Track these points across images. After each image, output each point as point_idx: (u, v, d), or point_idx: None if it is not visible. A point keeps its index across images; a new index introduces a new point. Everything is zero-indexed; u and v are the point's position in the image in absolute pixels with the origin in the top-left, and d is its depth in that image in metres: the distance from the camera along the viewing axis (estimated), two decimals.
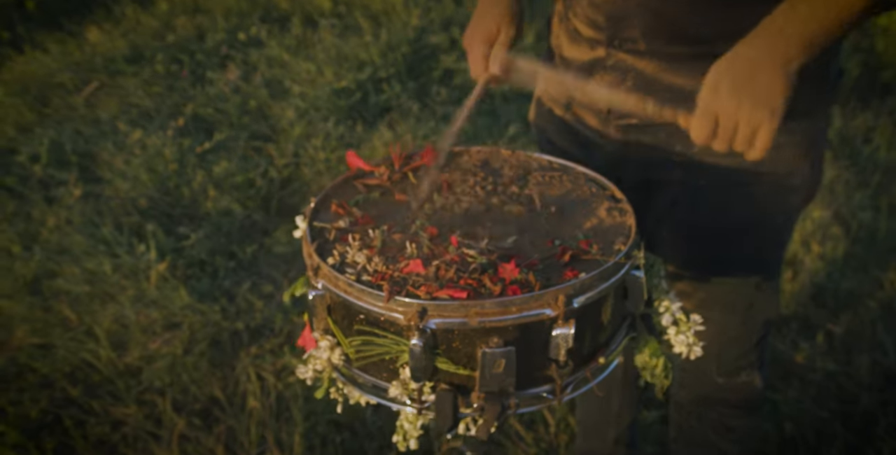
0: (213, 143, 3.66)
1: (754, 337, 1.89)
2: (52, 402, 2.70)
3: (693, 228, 1.77)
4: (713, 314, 1.83)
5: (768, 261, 1.81)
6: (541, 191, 1.62)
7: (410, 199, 1.58)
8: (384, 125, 3.75)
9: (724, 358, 1.89)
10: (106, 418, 2.66)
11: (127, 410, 2.68)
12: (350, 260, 1.46)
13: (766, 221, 1.73)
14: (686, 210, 1.75)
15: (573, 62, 1.75)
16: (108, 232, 3.21)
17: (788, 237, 1.82)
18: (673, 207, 1.76)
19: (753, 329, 1.87)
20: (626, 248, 1.44)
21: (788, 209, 1.74)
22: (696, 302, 1.84)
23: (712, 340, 1.83)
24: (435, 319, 1.35)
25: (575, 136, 1.83)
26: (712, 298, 1.83)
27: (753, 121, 1.37)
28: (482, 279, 1.38)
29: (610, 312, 1.47)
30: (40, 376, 2.80)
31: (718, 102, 1.39)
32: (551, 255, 1.45)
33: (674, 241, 1.80)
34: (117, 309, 2.95)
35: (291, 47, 4.51)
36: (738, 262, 1.79)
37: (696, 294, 1.85)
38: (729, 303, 1.84)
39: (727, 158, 1.64)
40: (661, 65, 1.61)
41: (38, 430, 2.64)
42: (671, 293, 1.58)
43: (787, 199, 1.71)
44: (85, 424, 2.64)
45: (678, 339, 1.55)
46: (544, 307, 1.35)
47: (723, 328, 1.85)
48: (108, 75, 4.48)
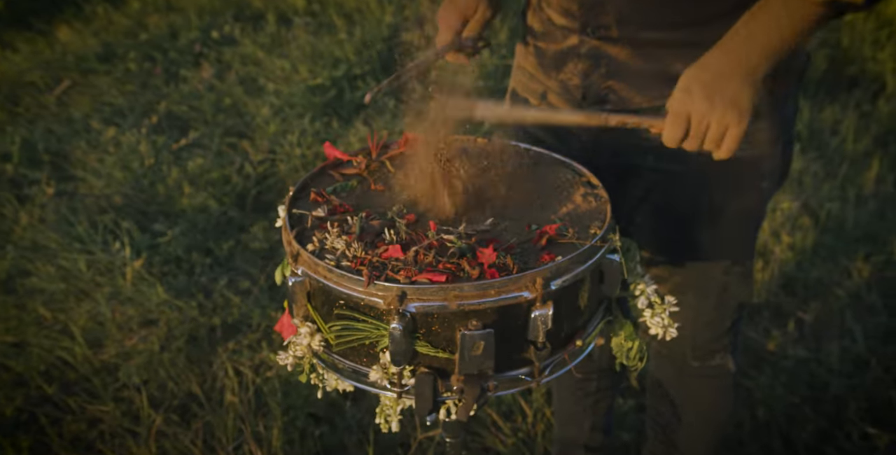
0: (189, 140, 3.66)
1: (727, 321, 1.92)
2: (28, 401, 2.68)
3: (667, 213, 1.80)
4: (687, 298, 1.86)
5: (741, 244, 1.84)
6: (517, 177, 1.64)
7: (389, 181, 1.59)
8: (360, 122, 3.76)
9: (698, 341, 1.92)
10: (82, 416, 2.65)
11: (104, 408, 2.67)
12: (329, 246, 1.47)
13: (739, 205, 1.77)
14: (660, 195, 1.78)
15: (546, 52, 1.77)
16: (82, 230, 3.19)
17: (760, 221, 1.86)
18: (647, 193, 1.79)
19: (727, 313, 1.90)
20: (601, 232, 1.47)
21: (760, 193, 1.77)
22: (671, 286, 1.87)
23: (686, 324, 1.86)
24: (414, 303, 1.37)
25: (549, 127, 1.85)
26: (686, 283, 1.86)
27: (724, 121, 1.42)
28: (461, 263, 1.40)
29: (587, 296, 1.49)
30: (15, 375, 2.79)
31: (692, 104, 1.44)
32: (528, 239, 1.47)
33: (649, 226, 1.83)
34: (93, 306, 2.94)
35: (265, 45, 4.51)
36: (711, 245, 1.82)
37: (671, 278, 1.87)
38: (703, 287, 1.87)
39: None
40: (633, 51, 1.64)
41: (14, 429, 2.62)
42: (646, 276, 1.61)
43: (759, 182, 1.74)
44: (61, 422, 2.63)
45: (654, 321, 1.58)
46: (522, 290, 1.37)
47: (697, 312, 1.88)
48: (80, 74, 4.46)
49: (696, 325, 1.89)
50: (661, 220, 1.81)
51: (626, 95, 1.68)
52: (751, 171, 1.71)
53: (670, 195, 1.76)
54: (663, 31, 1.61)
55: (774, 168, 1.75)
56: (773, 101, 1.67)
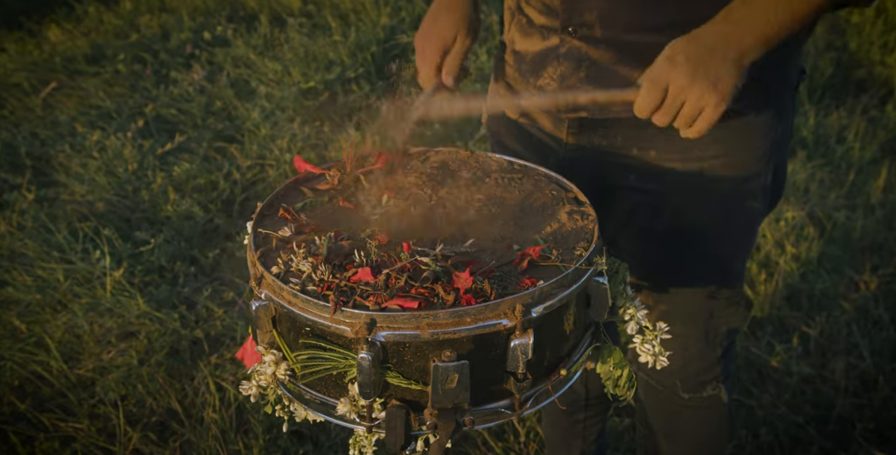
0: (175, 144, 3.55)
1: (717, 349, 1.82)
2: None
3: (651, 235, 1.70)
4: (675, 328, 1.76)
5: (729, 268, 1.74)
6: (499, 194, 1.53)
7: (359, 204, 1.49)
8: (352, 126, 3.66)
9: (687, 372, 1.81)
10: (56, 433, 2.55)
11: (78, 425, 2.57)
12: (295, 269, 1.37)
13: (726, 228, 1.66)
14: (643, 216, 1.68)
15: (526, 55, 1.67)
16: (61, 237, 3.09)
17: (751, 244, 1.75)
18: (630, 215, 1.69)
19: (716, 341, 1.80)
20: (587, 254, 1.36)
21: (749, 215, 1.67)
22: (657, 314, 1.77)
23: (675, 355, 1.76)
24: (384, 332, 1.27)
25: (528, 139, 1.75)
26: (673, 310, 1.76)
27: (701, 101, 1.35)
28: (435, 288, 1.30)
29: (571, 321, 1.39)
30: None
31: (673, 73, 1.35)
32: (509, 261, 1.37)
33: (633, 249, 1.73)
34: (70, 318, 2.84)
35: (258, 47, 4.41)
36: (698, 271, 1.72)
37: (657, 306, 1.77)
38: (689, 314, 1.76)
39: (684, 163, 1.58)
40: (617, 55, 1.54)
41: None
42: (637, 300, 1.50)
43: (748, 204, 1.64)
44: (34, 441, 2.53)
45: (644, 348, 1.47)
46: (501, 317, 1.27)
47: (685, 342, 1.78)
48: (68, 75, 4.36)
49: (685, 355, 1.79)
50: (645, 244, 1.71)
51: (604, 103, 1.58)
52: (738, 192, 1.62)
53: (653, 216, 1.66)
54: (649, 34, 1.51)
55: (765, 189, 1.65)
56: (764, 119, 1.57)
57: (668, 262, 1.74)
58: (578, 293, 1.36)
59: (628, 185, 1.66)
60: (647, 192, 1.65)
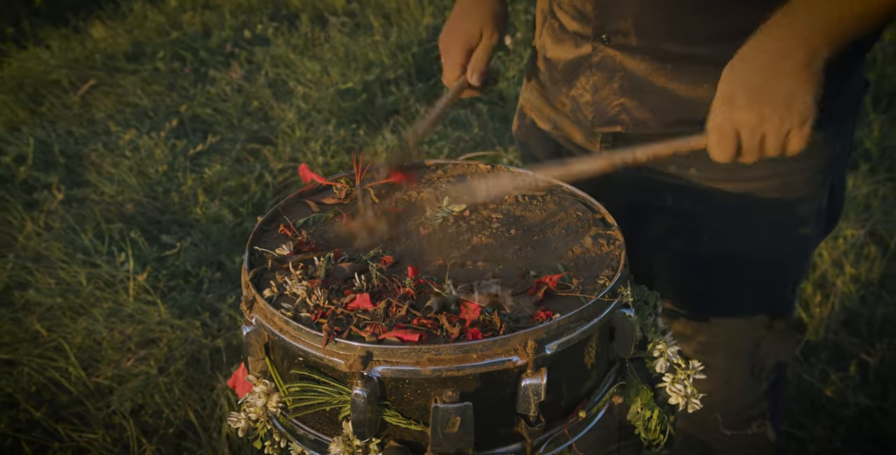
0: (207, 145, 3.47)
1: (764, 384, 1.66)
2: (13, 425, 2.51)
3: (690, 261, 1.55)
4: (716, 360, 1.62)
5: (777, 298, 1.58)
6: (519, 213, 1.40)
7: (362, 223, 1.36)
8: (388, 129, 3.54)
9: (730, 408, 1.66)
10: (70, 444, 2.47)
11: (93, 435, 2.49)
12: (289, 292, 1.25)
13: (774, 255, 1.50)
14: (682, 240, 1.53)
15: (557, 63, 1.53)
16: (87, 239, 3.02)
17: (802, 271, 1.59)
18: (666, 238, 1.55)
19: (762, 375, 1.64)
20: (611, 284, 1.22)
21: (801, 241, 1.51)
22: (696, 346, 1.62)
23: (716, 389, 1.62)
24: (381, 366, 1.14)
25: (558, 152, 1.61)
26: (714, 342, 1.62)
27: (782, 130, 1.18)
28: (439, 319, 1.16)
29: (593, 358, 1.25)
30: (4, 395, 2.62)
31: (737, 116, 1.19)
32: (524, 290, 1.23)
33: (669, 274, 1.58)
34: (90, 323, 2.76)
35: (298, 46, 4.31)
36: (741, 299, 1.56)
37: (696, 337, 1.62)
38: (733, 346, 1.61)
39: (728, 184, 1.43)
40: (654, 65, 1.40)
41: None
42: (668, 334, 1.35)
43: (799, 229, 1.48)
44: (46, 451, 2.45)
45: (675, 388, 1.32)
46: (510, 354, 1.14)
47: (727, 375, 1.63)
48: (107, 73, 4.31)
49: (728, 390, 1.64)
50: (683, 270, 1.56)
51: (640, 117, 1.44)
52: (788, 217, 1.46)
53: (692, 241, 1.51)
54: (689, 44, 1.37)
55: (819, 213, 1.48)
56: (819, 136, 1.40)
57: (708, 289, 1.59)
58: (601, 327, 1.22)
59: (666, 205, 1.51)
60: (687, 214, 1.50)
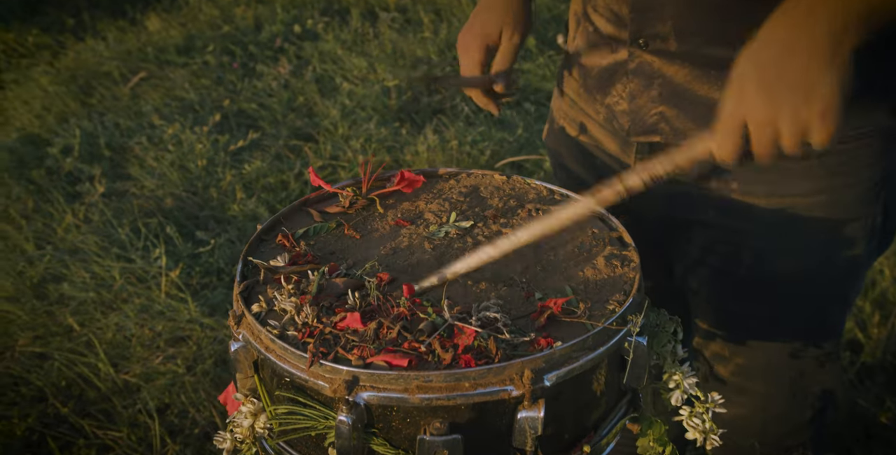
0: (248, 141, 3.43)
1: (807, 412, 1.55)
2: (41, 420, 2.50)
3: (728, 279, 1.45)
4: (753, 384, 1.51)
5: (824, 321, 1.46)
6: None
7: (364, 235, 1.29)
8: (431, 129, 3.47)
9: (768, 436, 1.55)
10: (95, 441, 2.45)
11: (118, 433, 2.46)
12: (278, 308, 1.19)
13: (822, 276, 1.39)
14: (720, 257, 1.43)
15: (591, 69, 1.44)
16: (124, 234, 3.01)
17: (852, 294, 1.47)
18: (705, 254, 1.45)
19: (806, 403, 1.53)
20: (621, 310, 1.13)
21: (852, 262, 1.39)
22: (733, 368, 1.52)
23: (753, 415, 1.52)
24: (367, 392, 1.07)
25: (591, 161, 1.52)
26: (752, 365, 1.51)
27: (798, 124, 0.99)
28: (432, 343, 1.09)
29: (600, 389, 1.16)
30: (34, 389, 2.61)
31: (745, 104, 1.02)
32: (526, 314, 1.15)
33: (705, 293, 1.48)
34: (121, 319, 2.74)
35: (347, 42, 4.27)
36: (784, 322, 1.46)
37: (733, 359, 1.52)
38: (773, 371, 1.51)
39: (771, 199, 1.32)
40: (696, 71, 1.30)
41: (21, 451, 2.44)
42: (686, 365, 1.25)
43: (849, 249, 1.36)
44: (72, 447, 2.44)
45: (693, 422, 1.23)
46: (506, 384, 1.06)
47: (765, 401, 1.52)
48: (158, 65, 4.31)
49: (766, 416, 1.53)
50: (722, 288, 1.46)
51: (680, 126, 1.34)
52: (837, 236, 1.34)
53: (731, 259, 1.41)
54: (733, 49, 1.25)
55: (872, 231, 1.36)
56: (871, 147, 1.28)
57: (747, 310, 1.48)
58: (609, 356, 1.13)
59: (704, 220, 1.41)
60: (726, 230, 1.40)
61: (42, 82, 4.30)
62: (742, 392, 1.54)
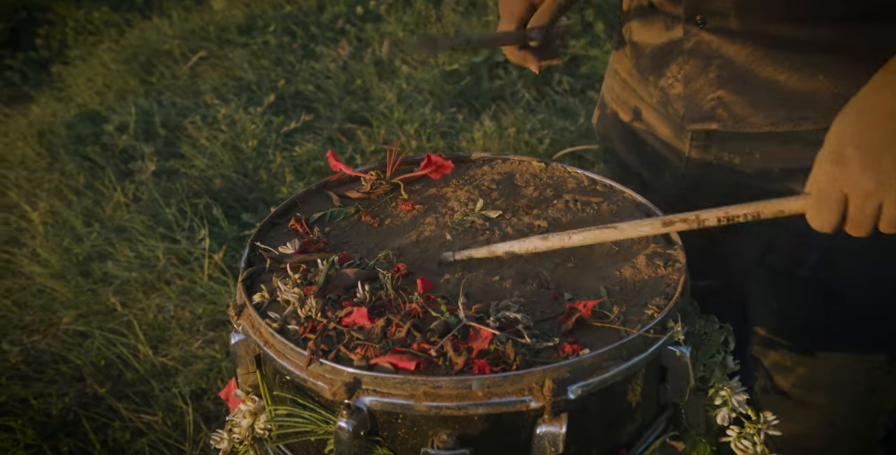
0: (300, 123, 3.35)
1: (878, 430, 1.40)
2: (78, 399, 2.46)
3: (791, 282, 1.31)
4: (817, 397, 1.37)
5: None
6: (567, 221, 1.19)
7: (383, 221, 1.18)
8: (489, 115, 3.34)
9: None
10: (129, 424, 2.40)
11: (152, 417, 2.41)
12: (281, 299, 1.08)
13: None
14: (782, 257, 1.29)
15: (644, 48, 1.31)
16: (171, 214, 2.95)
17: None
18: (766, 253, 1.31)
19: (878, 422, 1.39)
20: (660, 316, 1.00)
21: None
22: (795, 379, 1.38)
23: (815, 431, 1.38)
24: (369, 397, 0.97)
25: (642, 148, 1.39)
26: (817, 377, 1.37)
27: None
28: (444, 345, 0.98)
29: (634, 403, 1.03)
30: (73, 368, 2.58)
31: (846, 177, 0.96)
32: (552, 315, 1.02)
33: (766, 296, 1.35)
34: (163, 301, 2.69)
35: (409, 24, 4.16)
36: (854, 333, 1.31)
37: (796, 369, 1.38)
38: (840, 385, 1.36)
39: None
40: (759, 52, 1.17)
41: (56, 431, 2.40)
42: (735, 379, 1.11)
43: None
44: (106, 429, 2.39)
45: (741, 444, 1.09)
46: (524, 394, 0.94)
47: (830, 417, 1.38)
48: (218, 45, 4.27)
49: (831, 433, 1.39)
50: (782, 292, 1.31)
51: (741, 113, 1.20)
52: None
53: (795, 259, 1.27)
54: (803, 27, 1.13)
55: None
56: None
57: (811, 318, 1.34)
58: (646, 366, 1.00)
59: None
60: (789, 227, 1.25)
61: (105, 59, 4.29)
62: (804, 406, 1.40)
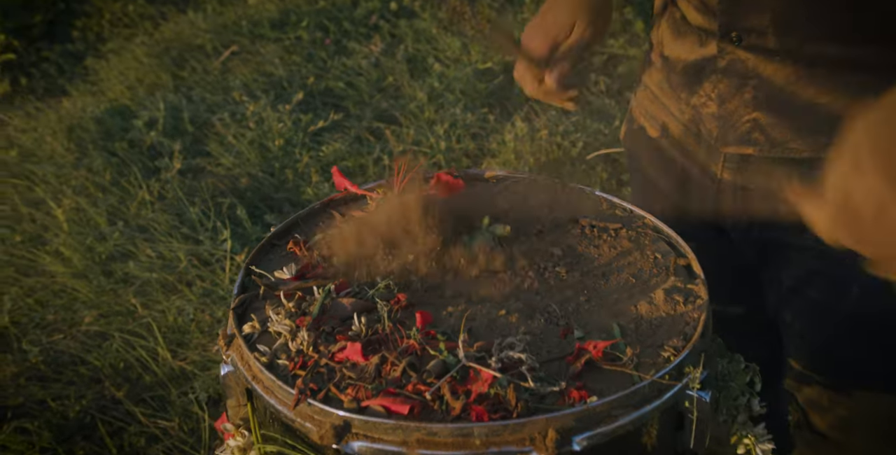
0: (329, 121, 3.29)
1: None
2: (95, 402, 2.42)
3: (831, 316, 1.22)
4: (856, 440, 1.30)
5: None
6: (581, 249, 1.11)
7: None
8: (521, 117, 3.25)
9: None
10: (144, 429, 2.36)
11: (168, 423, 2.37)
12: (273, 330, 1.02)
13: None
14: (822, 289, 1.20)
15: (676, 64, 1.23)
16: (195, 213, 2.91)
17: None
18: (803, 284, 1.22)
19: None
20: (677, 359, 0.92)
21: None
22: (832, 420, 1.29)
23: None
24: (359, 442, 0.90)
25: (671, 167, 1.30)
26: (857, 419, 1.28)
27: None
28: (441, 387, 0.90)
29: (648, 453, 0.95)
30: (91, 369, 2.55)
31: (860, 182, 0.83)
32: (560, 356, 0.95)
33: (802, 329, 1.26)
34: (183, 303, 2.64)
35: (443, 21, 4.08)
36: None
37: (833, 409, 1.29)
38: (881, 427, 1.28)
39: None
40: (799, 72, 1.09)
41: (73, 434, 2.37)
42: (760, 426, 1.03)
43: None
44: (122, 433, 2.35)
45: None
46: (524, 444, 0.87)
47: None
48: (250, 40, 4.21)
49: None
50: (821, 325, 1.23)
51: (779, 136, 1.12)
52: None
53: (835, 292, 1.18)
54: (848, 46, 1.05)
55: None
56: None
57: (852, 353, 1.25)
58: (662, 414, 0.93)
59: (804, 244, 1.17)
60: (830, 258, 1.15)
61: (138, 53, 4.26)
62: (842, 449, 1.32)
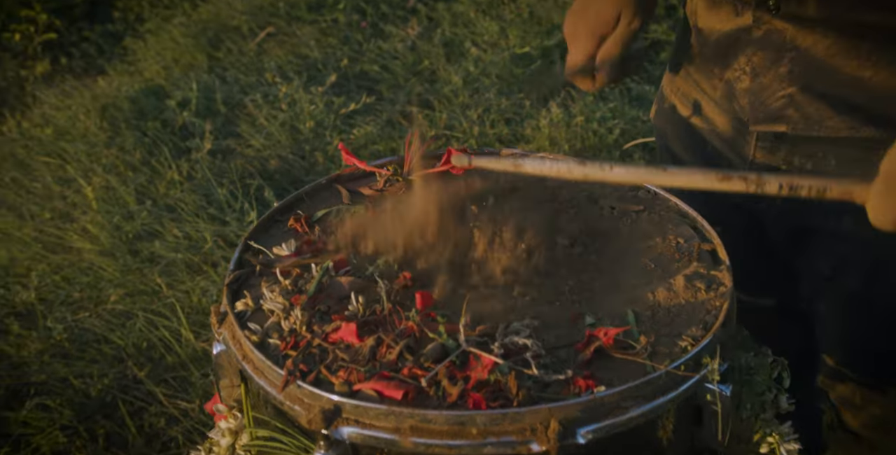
0: (360, 104, 3.24)
1: None
2: (117, 381, 2.40)
3: (866, 305, 1.16)
4: (893, 440, 1.22)
5: None
6: (601, 231, 1.04)
7: None
8: (557, 103, 3.17)
9: None
10: (164, 410, 2.33)
11: (188, 405, 2.34)
12: (266, 308, 0.97)
13: None
14: (856, 277, 1.14)
15: (710, 35, 1.16)
16: (223, 194, 2.88)
17: None
18: (838, 272, 1.16)
19: None
20: (694, 349, 0.85)
21: None
22: (866, 419, 1.23)
23: None
24: (349, 428, 0.85)
25: (701, 147, 1.23)
26: (892, 417, 1.21)
27: None
28: (438, 372, 0.85)
29: (661, 449, 0.89)
30: (114, 348, 2.52)
31: None
32: (568, 343, 0.88)
33: (836, 322, 1.20)
34: (207, 284, 2.61)
35: (482, 4, 4.00)
36: None
37: (867, 408, 1.23)
38: None
39: None
40: (841, 43, 1.02)
41: (94, 412, 2.35)
42: (787, 424, 0.96)
43: None
44: (142, 413, 2.33)
45: None
46: (525, 435, 0.82)
47: None
48: (287, 22, 4.17)
49: None
50: (856, 318, 1.17)
51: (814, 114, 1.04)
52: None
53: (871, 280, 1.11)
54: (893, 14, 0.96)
55: None
56: None
57: (887, 346, 1.18)
58: (678, 407, 0.86)
59: (838, 229, 1.11)
60: (866, 244, 1.09)
61: (175, 34, 4.24)
62: (876, 450, 1.25)
